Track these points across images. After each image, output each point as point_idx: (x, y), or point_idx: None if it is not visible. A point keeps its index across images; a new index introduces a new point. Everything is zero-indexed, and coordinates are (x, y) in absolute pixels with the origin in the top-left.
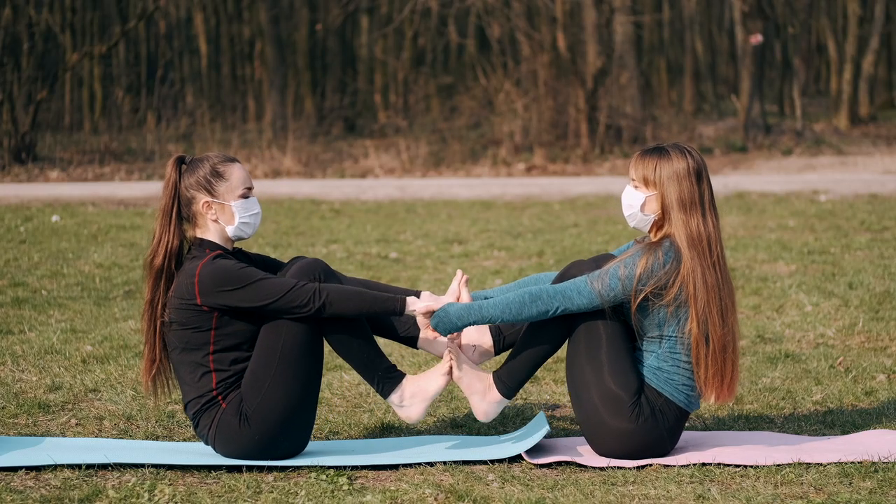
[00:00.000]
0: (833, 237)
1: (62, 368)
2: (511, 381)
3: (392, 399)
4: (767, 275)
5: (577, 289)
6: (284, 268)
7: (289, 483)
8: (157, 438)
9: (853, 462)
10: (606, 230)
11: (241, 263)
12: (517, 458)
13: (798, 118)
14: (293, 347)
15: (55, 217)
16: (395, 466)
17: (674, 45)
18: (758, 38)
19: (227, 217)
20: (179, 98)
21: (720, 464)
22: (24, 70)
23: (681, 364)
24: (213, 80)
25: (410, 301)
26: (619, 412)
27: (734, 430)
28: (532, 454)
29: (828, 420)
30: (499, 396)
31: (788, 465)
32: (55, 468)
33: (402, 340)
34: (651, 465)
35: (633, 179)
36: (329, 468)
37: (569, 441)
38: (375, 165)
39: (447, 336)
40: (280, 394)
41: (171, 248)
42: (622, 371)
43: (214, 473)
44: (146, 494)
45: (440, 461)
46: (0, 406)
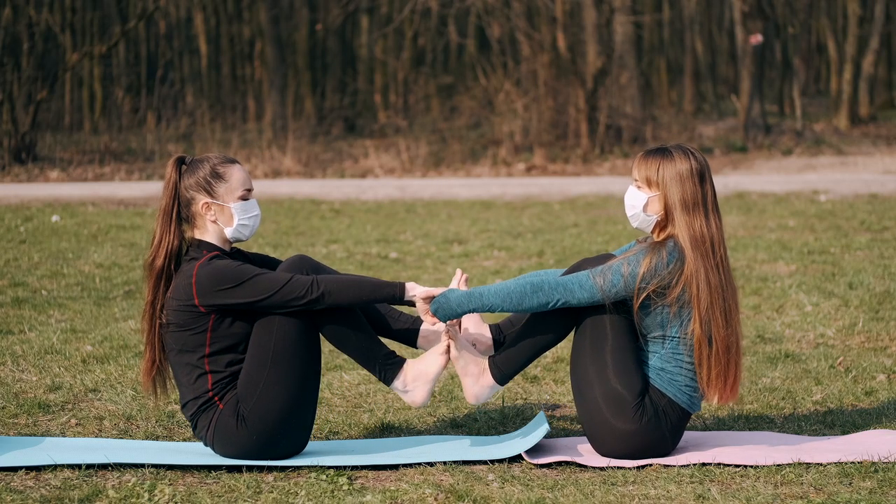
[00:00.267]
0: (833, 237)
1: (62, 368)
2: (506, 368)
3: (396, 385)
4: (767, 275)
5: (579, 282)
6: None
7: (289, 483)
8: (157, 438)
9: (853, 462)
10: (606, 230)
11: (237, 262)
12: (517, 458)
13: (798, 118)
14: (286, 346)
15: (55, 217)
16: (395, 466)
17: (674, 45)
18: (758, 38)
19: (226, 218)
20: (179, 98)
21: (720, 464)
22: (24, 70)
23: (684, 365)
24: (213, 80)
25: (410, 287)
26: (623, 412)
27: (734, 430)
28: (532, 454)
29: (828, 420)
30: (492, 381)
31: (788, 465)
32: (55, 468)
33: (398, 335)
34: (651, 465)
35: (636, 180)
36: (329, 468)
37: (569, 441)
38: (375, 165)
39: (446, 323)
40: (276, 393)
41: (172, 249)
42: (626, 371)
43: (214, 473)
44: (146, 494)
45: (440, 461)
46: (0, 406)
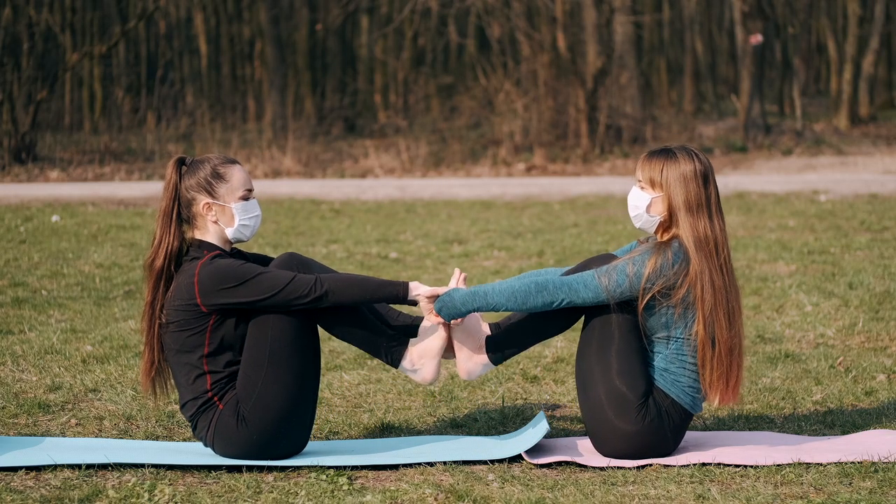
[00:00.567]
0: (833, 237)
1: (62, 368)
2: (503, 349)
3: (404, 366)
4: (767, 275)
5: (584, 282)
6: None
7: (289, 483)
8: (157, 438)
9: (853, 462)
10: (606, 230)
11: (239, 261)
12: (517, 458)
13: (798, 118)
14: (282, 345)
15: (55, 217)
16: (395, 466)
17: (674, 45)
18: (758, 38)
19: (227, 219)
20: (179, 98)
21: (720, 464)
22: (24, 70)
23: (687, 366)
24: (213, 80)
25: (414, 286)
26: (625, 412)
27: (734, 430)
28: (532, 454)
29: (828, 420)
30: (486, 359)
31: (788, 465)
32: (55, 468)
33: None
34: (651, 465)
35: (640, 180)
36: (329, 468)
37: (569, 441)
38: (375, 165)
39: (450, 322)
40: (274, 393)
41: (172, 250)
42: (631, 371)
43: (214, 473)
44: (146, 494)
45: (440, 461)
46: (0, 406)
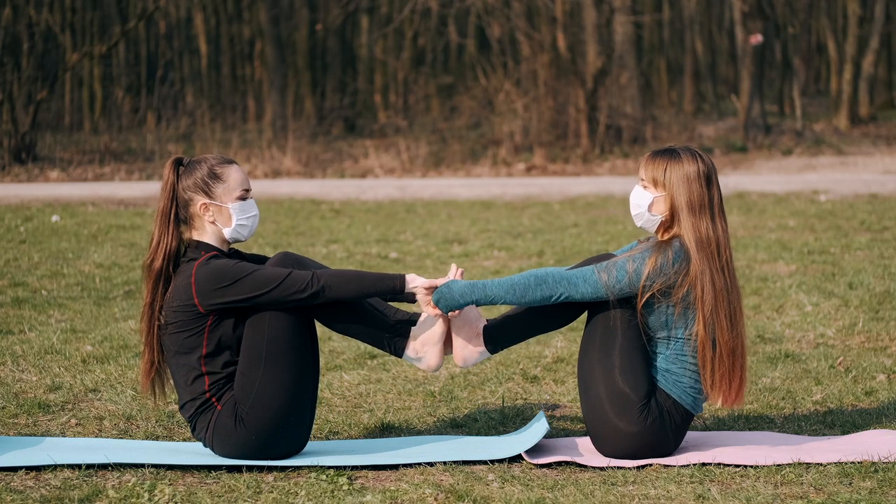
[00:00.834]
0: (833, 237)
1: (62, 368)
2: (500, 338)
3: (408, 355)
4: (767, 275)
5: (584, 277)
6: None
7: (289, 483)
8: (157, 438)
9: (853, 462)
10: (606, 230)
11: (235, 260)
12: (517, 458)
13: (798, 118)
14: (278, 345)
15: (55, 217)
16: (395, 466)
17: (674, 45)
18: (758, 38)
19: (225, 219)
20: (179, 98)
21: (720, 464)
22: (24, 70)
23: (688, 366)
24: (213, 80)
25: (411, 278)
26: (627, 413)
27: (734, 430)
28: (532, 454)
29: (828, 420)
30: (483, 347)
31: (788, 465)
32: (55, 468)
33: (393, 330)
34: (651, 465)
35: (643, 179)
36: (329, 468)
37: (569, 441)
38: (375, 165)
39: (448, 314)
40: (271, 392)
41: (170, 251)
42: (633, 371)
43: (214, 473)
44: (146, 494)
45: (440, 461)
46: (0, 406)
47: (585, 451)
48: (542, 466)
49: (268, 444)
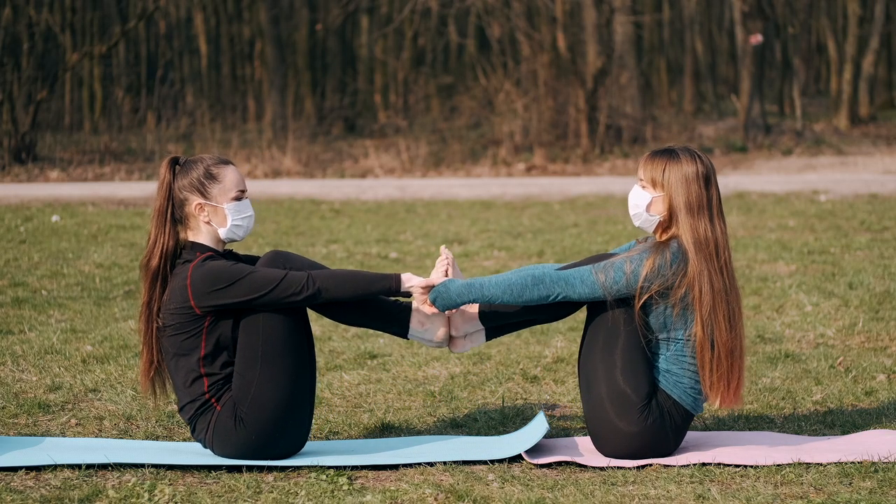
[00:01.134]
0: (833, 237)
1: (62, 368)
2: (495, 325)
3: (414, 331)
4: (767, 275)
5: (581, 277)
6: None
7: (289, 483)
8: (157, 438)
9: (853, 462)
10: (606, 230)
11: (231, 261)
12: (517, 458)
13: (798, 118)
14: (273, 345)
15: (55, 217)
16: (395, 466)
17: (674, 45)
18: (758, 38)
19: (220, 219)
20: (179, 98)
21: (720, 464)
22: (24, 70)
23: (688, 367)
24: (213, 80)
25: (406, 278)
26: (627, 413)
27: (734, 430)
28: (532, 454)
29: (828, 420)
30: (479, 334)
31: (788, 465)
32: (55, 468)
33: (390, 318)
34: (651, 465)
35: (641, 179)
36: (329, 468)
37: (569, 441)
38: (375, 165)
39: (444, 312)
40: (269, 392)
41: (167, 250)
42: (635, 372)
43: (214, 473)
44: (146, 494)
45: (440, 461)
46: (0, 406)
47: (585, 451)
48: (542, 466)
49: (268, 444)
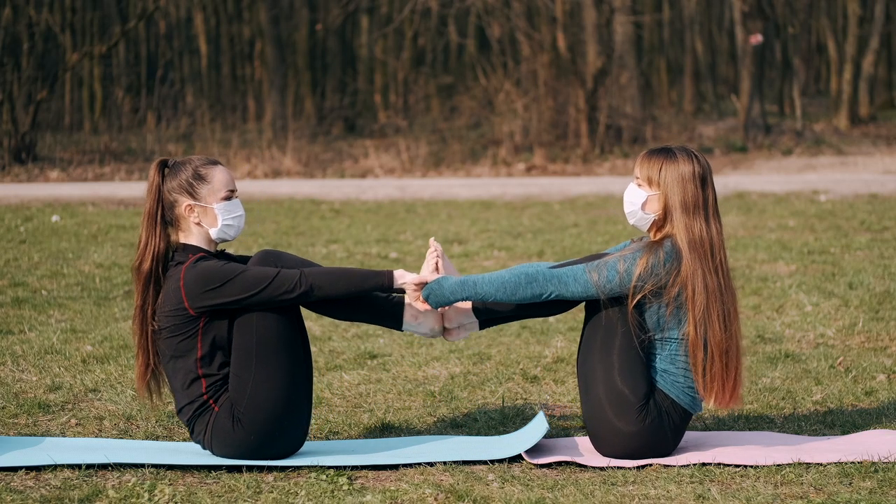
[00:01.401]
0: (833, 237)
1: (62, 368)
2: (489, 314)
3: (408, 323)
4: (767, 275)
5: (574, 276)
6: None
7: (289, 483)
8: (157, 438)
9: (853, 462)
10: (606, 230)
11: (223, 261)
12: (517, 458)
13: (798, 118)
14: (268, 344)
15: (55, 217)
16: (395, 466)
17: (674, 45)
18: (758, 38)
19: (210, 220)
20: (179, 98)
21: (720, 464)
22: (24, 70)
23: (684, 366)
24: (213, 80)
25: (399, 275)
26: (626, 413)
27: (734, 430)
28: (532, 454)
29: (828, 420)
30: (471, 323)
31: (788, 465)
32: (55, 468)
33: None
34: (651, 465)
35: (638, 178)
36: (329, 468)
37: (569, 441)
38: (375, 165)
39: (437, 309)
40: (266, 392)
41: (158, 252)
42: (633, 372)
43: (214, 473)
44: (146, 494)
45: (440, 461)
46: (0, 406)
47: (585, 451)
48: (542, 466)
49: (266, 444)
